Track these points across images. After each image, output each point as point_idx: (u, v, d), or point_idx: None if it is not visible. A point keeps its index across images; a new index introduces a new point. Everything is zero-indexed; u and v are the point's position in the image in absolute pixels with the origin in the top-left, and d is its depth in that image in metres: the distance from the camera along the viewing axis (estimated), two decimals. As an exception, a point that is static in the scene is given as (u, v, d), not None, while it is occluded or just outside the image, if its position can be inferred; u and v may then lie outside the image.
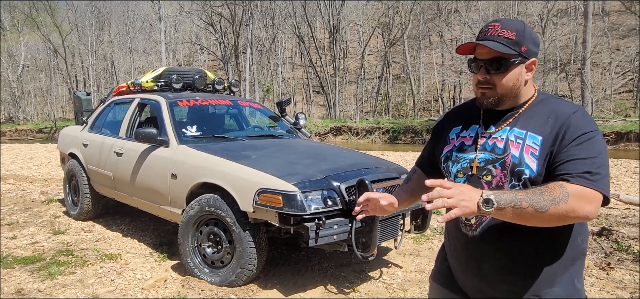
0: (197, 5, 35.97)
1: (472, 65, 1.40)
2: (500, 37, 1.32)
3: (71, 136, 5.81)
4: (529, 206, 1.17)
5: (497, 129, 1.39)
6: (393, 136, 23.58)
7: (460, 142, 1.47)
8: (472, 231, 1.38)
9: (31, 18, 38.99)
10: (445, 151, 1.52)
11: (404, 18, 30.34)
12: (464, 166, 1.42)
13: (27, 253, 4.23)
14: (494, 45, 1.31)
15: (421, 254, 4.18)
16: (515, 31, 1.32)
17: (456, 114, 1.58)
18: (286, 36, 39.47)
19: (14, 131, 33.46)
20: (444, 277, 1.57)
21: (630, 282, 3.45)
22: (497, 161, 1.35)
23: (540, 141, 1.30)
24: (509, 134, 1.36)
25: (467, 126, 1.48)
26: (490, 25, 1.36)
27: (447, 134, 1.54)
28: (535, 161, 1.29)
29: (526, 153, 1.31)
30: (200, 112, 4.83)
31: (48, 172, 9.85)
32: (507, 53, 1.31)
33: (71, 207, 5.59)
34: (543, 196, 1.18)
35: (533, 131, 1.32)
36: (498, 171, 1.34)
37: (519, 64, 1.34)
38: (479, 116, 1.46)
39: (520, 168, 1.30)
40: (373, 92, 35.34)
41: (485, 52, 1.34)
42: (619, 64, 26.83)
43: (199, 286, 3.40)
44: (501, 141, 1.36)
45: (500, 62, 1.33)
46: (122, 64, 43.82)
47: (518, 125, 1.36)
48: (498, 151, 1.36)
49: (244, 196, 3.24)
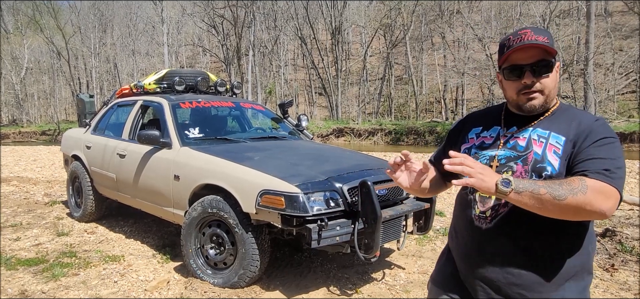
0: (199, 7, 36.07)
1: (511, 72, 1.38)
2: (538, 40, 1.33)
3: (74, 138, 5.83)
4: (546, 193, 1.18)
5: (519, 130, 1.41)
6: (395, 138, 23.56)
7: (481, 141, 1.48)
8: (486, 223, 1.39)
9: (34, 20, 39.19)
10: (463, 148, 1.52)
11: (406, 19, 30.33)
12: (483, 163, 1.40)
13: (30, 255, 4.24)
14: (544, 44, 1.32)
15: (424, 256, 4.17)
16: (546, 36, 1.35)
17: (476, 117, 1.60)
18: (288, 38, 39.50)
19: (18, 133, 33.60)
20: (445, 280, 1.56)
21: (634, 283, 3.43)
22: (518, 158, 1.36)
23: (564, 141, 1.32)
24: (532, 133, 1.38)
25: (488, 127, 1.49)
26: (521, 32, 1.36)
27: (466, 134, 1.55)
28: (558, 159, 1.31)
29: (549, 151, 1.32)
30: (203, 114, 4.84)
31: (51, 174, 9.88)
32: (552, 52, 1.33)
33: (74, 209, 5.61)
34: (562, 186, 1.20)
35: (556, 132, 1.34)
36: (519, 167, 1.35)
37: (555, 66, 1.37)
38: (500, 118, 1.48)
39: (542, 165, 1.31)
40: (375, 93, 35.33)
41: (529, 56, 1.34)
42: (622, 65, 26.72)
43: (201, 288, 3.40)
44: (523, 140, 1.38)
45: (546, 63, 1.35)
46: (125, 66, 43.94)
47: (542, 126, 1.38)
48: (520, 149, 1.37)
49: (246, 197, 3.24)
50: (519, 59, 1.36)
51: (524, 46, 1.33)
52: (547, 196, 1.18)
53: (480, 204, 1.41)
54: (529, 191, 1.19)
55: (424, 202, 3.75)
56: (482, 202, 1.40)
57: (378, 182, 3.40)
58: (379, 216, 3.07)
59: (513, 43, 1.35)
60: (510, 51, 1.36)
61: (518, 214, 1.31)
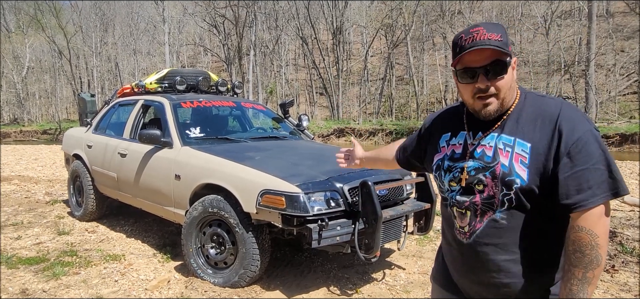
0: (200, 7, 36.09)
1: (463, 76, 1.32)
2: (491, 40, 1.25)
3: (75, 137, 5.84)
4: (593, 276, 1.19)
5: (484, 135, 1.35)
6: (396, 138, 23.50)
7: (451, 150, 1.43)
8: (466, 238, 1.36)
9: (36, 20, 39.25)
10: (436, 159, 1.48)
11: (407, 19, 30.30)
12: (456, 176, 1.39)
13: (31, 254, 4.25)
14: (495, 46, 1.24)
15: (424, 256, 4.17)
16: (499, 32, 1.27)
17: (444, 118, 1.54)
18: (289, 38, 39.50)
19: (19, 132, 33.63)
20: (443, 277, 1.57)
21: (635, 285, 3.43)
22: (486, 169, 1.31)
23: (529, 148, 1.26)
24: (497, 141, 1.32)
25: (455, 133, 1.45)
26: (473, 31, 1.28)
27: (437, 141, 1.51)
28: (526, 169, 1.25)
29: (516, 162, 1.27)
30: (204, 114, 4.85)
31: (52, 173, 9.90)
32: (505, 53, 1.27)
33: (75, 208, 5.62)
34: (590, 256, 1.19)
35: (521, 137, 1.28)
36: (489, 180, 1.30)
37: (510, 64, 1.30)
38: (463, 121, 1.43)
39: (511, 178, 1.26)
40: (376, 93, 35.30)
41: (482, 58, 1.27)
42: (623, 66, 26.66)
43: (202, 287, 3.40)
44: (490, 149, 1.32)
45: (500, 64, 1.27)
46: (126, 65, 44.00)
47: (506, 130, 1.32)
48: (487, 159, 1.32)
49: (247, 197, 3.24)
50: (472, 61, 1.28)
51: (475, 49, 1.26)
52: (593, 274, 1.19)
53: (459, 219, 1.38)
54: (581, 288, 1.20)
55: (425, 203, 3.75)
56: (460, 218, 1.38)
57: (379, 183, 3.41)
58: (379, 216, 3.07)
59: (465, 44, 1.28)
60: (462, 54, 1.28)
61: (493, 229, 1.30)
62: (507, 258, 1.31)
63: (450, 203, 1.41)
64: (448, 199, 1.42)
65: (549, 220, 1.29)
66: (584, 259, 1.18)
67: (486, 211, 1.31)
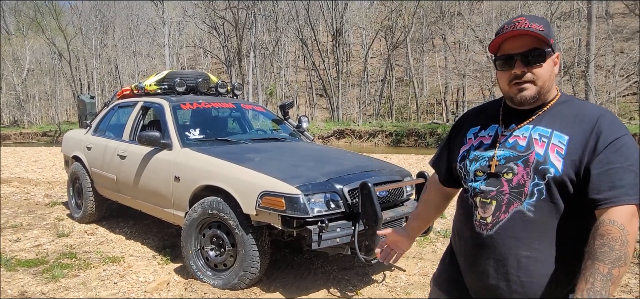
0: (200, 8, 36.11)
1: (502, 62, 1.33)
2: (531, 28, 1.27)
3: (75, 139, 5.83)
4: (619, 274, 1.13)
5: (518, 127, 1.34)
6: (396, 139, 23.56)
7: (479, 141, 1.41)
8: (487, 230, 1.32)
9: (36, 22, 39.26)
10: (462, 151, 1.45)
11: (407, 21, 30.34)
12: (483, 165, 1.36)
13: (30, 256, 4.24)
14: (535, 31, 1.26)
15: (425, 257, 4.16)
16: (542, 24, 1.28)
17: (475, 114, 1.53)
18: (289, 39, 39.54)
19: (19, 134, 33.63)
20: (446, 282, 1.54)
21: (635, 285, 3.42)
22: (519, 158, 1.29)
23: (567, 140, 1.25)
24: (533, 131, 1.30)
25: (486, 126, 1.43)
26: (515, 20, 1.30)
27: (464, 134, 1.48)
28: (561, 160, 1.24)
29: (552, 152, 1.25)
30: (203, 115, 4.84)
31: (52, 175, 9.89)
32: (545, 41, 1.27)
33: (75, 210, 5.61)
34: (619, 253, 1.13)
35: (559, 130, 1.28)
36: (520, 168, 1.28)
37: (551, 56, 1.30)
38: (499, 115, 1.41)
39: (545, 166, 1.24)
40: (376, 95, 35.32)
41: (520, 45, 1.28)
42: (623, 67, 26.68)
43: (201, 289, 3.39)
44: (523, 139, 1.31)
45: (539, 53, 1.28)
46: (126, 67, 44.00)
47: (542, 123, 1.31)
48: (520, 149, 1.30)
49: (246, 198, 3.24)
50: (510, 48, 1.30)
51: (514, 34, 1.28)
52: (619, 273, 1.13)
53: (481, 209, 1.34)
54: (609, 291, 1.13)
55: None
56: (483, 208, 1.34)
57: (379, 184, 3.40)
58: (379, 217, 3.06)
59: (505, 31, 1.31)
60: (501, 39, 1.31)
61: (518, 221, 1.27)
62: (529, 255, 1.27)
63: (472, 192, 1.37)
64: (470, 189, 1.39)
65: (576, 220, 1.25)
66: (612, 255, 1.13)
67: (513, 201, 1.28)
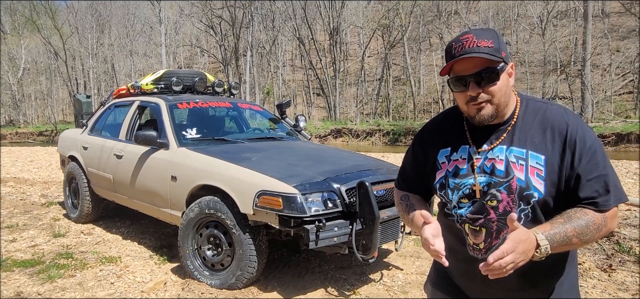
0: (197, 7, 36.02)
1: (455, 84, 1.31)
2: (480, 47, 1.24)
3: (71, 138, 5.80)
4: (578, 241, 1.19)
5: (491, 147, 1.33)
6: (393, 138, 23.56)
7: (454, 166, 1.38)
8: (481, 254, 1.32)
9: (32, 21, 39.06)
10: (438, 177, 1.42)
11: (404, 20, 30.34)
12: (467, 193, 1.34)
13: (26, 256, 4.22)
14: (484, 54, 1.23)
15: (422, 256, 4.17)
16: (491, 39, 1.26)
17: (436, 130, 1.48)
18: (286, 38, 39.50)
19: (15, 133, 33.47)
20: (442, 281, 1.54)
21: (632, 284, 3.43)
22: (500, 184, 1.29)
23: (544, 160, 1.26)
24: (508, 154, 1.29)
25: (456, 147, 1.39)
26: (463, 39, 1.27)
27: (435, 157, 1.44)
28: (542, 182, 1.25)
29: (532, 175, 1.26)
30: (200, 115, 4.83)
31: (48, 175, 9.84)
32: (496, 60, 1.25)
33: (71, 210, 5.59)
34: (589, 227, 1.20)
35: (533, 149, 1.28)
36: (504, 195, 1.28)
37: (504, 71, 1.28)
38: (465, 133, 1.39)
39: (529, 192, 1.25)
40: (373, 94, 35.32)
41: (471, 66, 1.26)
42: (619, 66, 26.82)
43: (198, 289, 3.38)
44: (500, 162, 1.29)
45: (491, 71, 1.25)
46: (123, 66, 43.85)
47: (515, 142, 1.30)
48: (499, 174, 1.29)
49: (243, 198, 3.23)
50: (462, 69, 1.28)
51: (464, 58, 1.25)
52: (576, 241, 1.19)
53: (472, 236, 1.34)
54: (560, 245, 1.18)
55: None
56: (474, 235, 1.33)
57: (376, 183, 3.40)
58: (376, 216, 3.06)
59: (455, 53, 1.27)
60: (452, 62, 1.28)
61: None
62: (524, 276, 1.28)
63: (459, 220, 1.36)
64: (456, 216, 1.37)
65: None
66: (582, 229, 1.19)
67: (503, 227, 1.29)
